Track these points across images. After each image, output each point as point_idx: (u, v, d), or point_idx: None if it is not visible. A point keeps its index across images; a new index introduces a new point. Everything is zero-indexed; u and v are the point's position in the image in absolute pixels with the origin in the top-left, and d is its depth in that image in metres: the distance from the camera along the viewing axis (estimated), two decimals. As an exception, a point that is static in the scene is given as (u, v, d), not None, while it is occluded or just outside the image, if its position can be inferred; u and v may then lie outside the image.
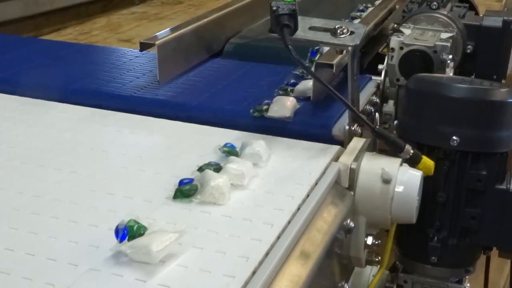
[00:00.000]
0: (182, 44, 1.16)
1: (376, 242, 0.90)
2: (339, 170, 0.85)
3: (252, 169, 0.82)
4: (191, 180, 0.78)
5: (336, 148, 0.90)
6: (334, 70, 0.99)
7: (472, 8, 1.55)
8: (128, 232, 0.65)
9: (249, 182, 0.80)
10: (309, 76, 1.06)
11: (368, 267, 1.00)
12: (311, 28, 0.90)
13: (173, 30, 1.16)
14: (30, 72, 1.17)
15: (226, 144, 0.87)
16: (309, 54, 1.13)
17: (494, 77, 1.33)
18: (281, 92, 1.04)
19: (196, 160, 0.85)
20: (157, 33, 1.14)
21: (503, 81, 1.35)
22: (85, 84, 1.11)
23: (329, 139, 0.93)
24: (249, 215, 0.74)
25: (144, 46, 1.11)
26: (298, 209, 0.75)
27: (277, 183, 0.81)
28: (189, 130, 0.97)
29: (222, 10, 1.32)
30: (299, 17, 0.88)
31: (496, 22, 1.31)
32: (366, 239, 0.89)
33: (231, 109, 1.01)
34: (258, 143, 0.86)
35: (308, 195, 0.78)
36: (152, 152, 0.90)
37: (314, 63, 1.01)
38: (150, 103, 1.04)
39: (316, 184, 0.81)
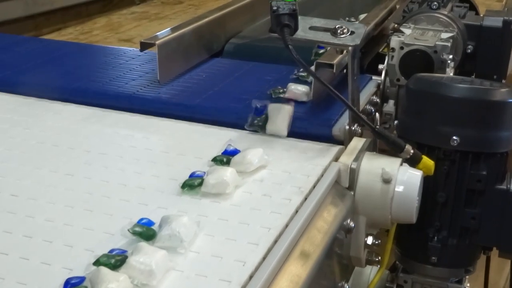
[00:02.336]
0: (182, 44, 1.16)
1: (376, 242, 0.90)
2: (339, 170, 0.85)
3: (166, 259, 0.63)
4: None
5: (336, 148, 0.90)
6: (334, 70, 0.99)
7: (473, 8, 1.55)
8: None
9: (162, 279, 0.62)
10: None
11: (368, 267, 1.00)
12: (311, 28, 0.90)
13: (173, 30, 1.16)
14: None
15: (140, 220, 0.69)
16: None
17: (495, 77, 1.33)
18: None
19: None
20: (157, 33, 1.14)
21: (503, 81, 1.34)
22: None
23: (329, 139, 0.93)
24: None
25: (144, 46, 1.11)
26: (298, 210, 0.75)
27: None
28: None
29: (222, 10, 1.33)
30: (299, 17, 0.88)
31: (496, 22, 1.31)
32: (366, 239, 0.89)
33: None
34: (180, 221, 0.67)
35: (308, 195, 0.78)
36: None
37: (314, 63, 1.01)
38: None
39: (316, 184, 0.81)
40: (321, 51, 1.13)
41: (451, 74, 1.10)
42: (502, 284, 1.81)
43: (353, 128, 0.93)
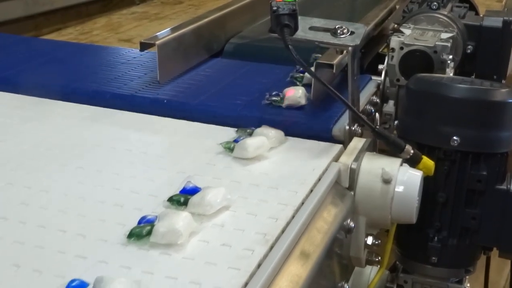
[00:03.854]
0: (182, 44, 1.16)
1: (376, 242, 0.90)
2: (339, 170, 0.85)
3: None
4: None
5: (336, 148, 0.90)
6: (334, 70, 0.99)
7: (472, 8, 1.55)
8: None
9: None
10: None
11: (368, 267, 1.00)
12: (311, 28, 0.90)
13: (173, 30, 1.16)
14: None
15: (71, 283, 0.61)
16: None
17: (495, 77, 1.33)
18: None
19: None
20: (158, 33, 1.14)
21: (503, 81, 1.34)
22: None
23: (329, 139, 0.93)
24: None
25: (144, 46, 1.11)
26: (298, 209, 0.75)
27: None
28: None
29: (222, 10, 1.33)
30: (299, 17, 0.88)
31: (496, 22, 1.31)
32: (366, 239, 0.89)
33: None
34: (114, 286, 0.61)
35: (308, 195, 0.78)
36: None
37: (314, 63, 1.01)
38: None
39: (316, 184, 0.81)
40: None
41: (451, 74, 1.10)
42: (502, 284, 1.81)
43: (353, 128, 0.93)
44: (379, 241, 0.91)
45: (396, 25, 1.25)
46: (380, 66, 1.15)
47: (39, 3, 3.75)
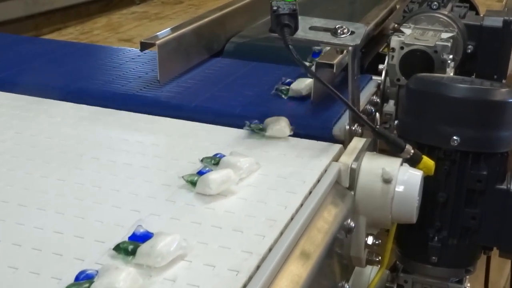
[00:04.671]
0: (182, 44, 1.16)
1: (377, 242, 0.90)
2: (339, 170, 0.85)
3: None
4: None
5: (336, 148, 0.90)
6: (334, 70, 0.99)
7: (473, 8, 1.55)
8: None
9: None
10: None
11: (368, 267, 1.00)
12: (311, 28, 0.90)
13: (173, 29, 1.16)
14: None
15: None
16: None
17: (495, 77, 1.33)
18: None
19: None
20: (158, 33, 1.14)
21: (503, 81, 1.34)
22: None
23: (330, 139, 0.93)
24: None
25: (144, 46, 1.11)
26: (298, 209, 0.75)
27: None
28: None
29: (222, 10, 1.33)
30: (299, 17, 0.88)
31: (496, 22, 1.31)
32: (366, 239, 0.89)
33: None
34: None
35: (308, 195, 0.78)
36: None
37: (314, 63, 1.01)
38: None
39: (316, 183, 0.81)
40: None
41: (451, 74, 1.10)
42: (503, 284, 1.81)
43: (353, 128, 0.93)
44: (380, 241, 0.91)
45: (396, 25, 1.25)
46: (381, 66, 1.15)
47: (39, 3, 3.75)
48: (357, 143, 0.91)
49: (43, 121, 0.99)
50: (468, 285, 1.11)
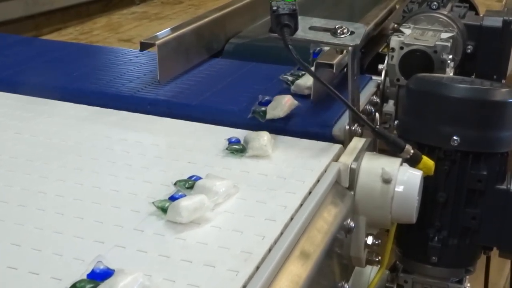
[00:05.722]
0: (182, 44, 1.16)
1: (376, 242, 0.90)
2: (339, 170, 0.85)
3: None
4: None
5: (336, 148, 0.90)
6: (334, 70, 0.99)
7: (472, 8, 1.55)
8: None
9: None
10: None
11: (368, 267, 1.00)
12: (311, 28, 0.90)
13: (173, 30, 1.16)
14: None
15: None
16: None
17: (494, 77, 1.33)
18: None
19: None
20: (157, 33, 1.14)
21: (503, 81, 1.34)
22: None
23: (329, 139, 0.93)
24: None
25: (144, 46, 1.11)
26: (298, 209, 0.75)
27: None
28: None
29: (222, 10, 1.33)
30: (299, 17, 0.88)
31: (496, 22, 1.31)
32: (366, 239, 0.89)
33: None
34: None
35: (308, 195, 0.78)
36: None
37: (314, 63, 1.01)
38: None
39: (316, 183, 0.81)
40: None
41: (451, 74, 1.10)
42: (502, 284, 1.81)
43: (353, 128, 0.93)
44: (379, 241, 0.91)
45: (396, 25, 1.25)
46: (380, 66, 1.15)
47: (39, 3, 3.75)
48: (357, 143, 0.91)
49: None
50: (468, 285, 1.11)
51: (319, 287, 0.74)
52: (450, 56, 1.09)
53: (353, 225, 0.83)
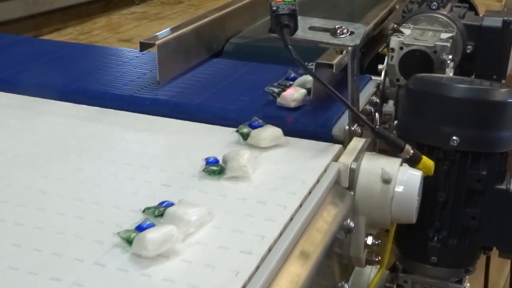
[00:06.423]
0: (182, 44, 1.16)
1: (376, 242, 0.90)
2: (339, 170, 0.85)
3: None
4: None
5: (336, 148, 0.90)
6: (334, 70, 0.99)
7: (472, 8, 1.55)
8: None
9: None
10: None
11: (368, 267, 1.00)
12: (311, 28, 0.90)
13: (173, 30, 1.16)
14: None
15: None
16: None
17: (494, 77, 1.33)
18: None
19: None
20: (157, 33, 1.14)
21: (503, 81, 1.34)
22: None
23: (329, 139, 0.93)
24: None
25: (144, 46, 1.11)
26: (298, 209, 0.75)
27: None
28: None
29: (222, 10, 1.33)
30: (299, 17, 0.88)
31: (496, 22, 1.31)
32: (366, 239, 0.89)
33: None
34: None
35: (308, 195, 0.78)
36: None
37: (314, 63, 1.01)
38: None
39: (316, 184, 0.81)
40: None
41: (451, 74, 1.10)
42: (502, 284, 1.81)
43: (353, 128, 0.93)
44: (379, 241, 0.91)
45: (396, 25, 1.25)
46: (380, 66, 1.15)
47: (39, 3, 3.75)
48: (357, 143, 0.91)
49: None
50: (468, 285, 1.11)
51: (319, 287, 0.74)
52: (450, 56, 1.09)
53: (353, 225, 0.83)
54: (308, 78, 1.04)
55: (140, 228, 0.66)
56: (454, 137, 0.96)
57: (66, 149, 0.90)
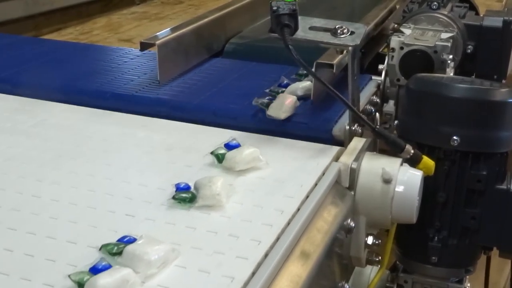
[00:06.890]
0: (182, 44, 1.16)
1: (377, 242, 0.90)
2: (339, 170, 0.85)
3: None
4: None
5: (336, 148, 0.90)
6: (334, 70, 0.99)
7: (473, 8, 1.55)
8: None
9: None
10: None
11: (368, 267, 1.00)
12: (311, 28, 0.90)
13: (173, 30, 1.16)
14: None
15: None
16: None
17: (495, 77, 1.33)
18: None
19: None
20: (158, 33, 1.14)
21: (503, 81, 1.34)
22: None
23: (330, 139, 0.93)
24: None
25: (144, 46, 1.11)
26: (299, 209, 0.75)
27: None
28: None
29: (222, 10, 1.33)
30: (299, 17, 0.88)
31: (496, 22, 1.31)
32: (366, 239, 0.89)
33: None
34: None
35: (308, 195, 0.78)
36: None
37: (314, 63, 1.01)
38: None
39: (316, 184, 0.81)
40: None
41: (451, 74, 1.10)
42: (503, 284, 1.81)
43: (353, 128, 0.93)
44: (379, 241, 0.91)
45: (396, 25, 1.25)
46: (380, 66, 1.15)
47: (39, 3, 3.75)
48: (357, 143, 0.91)
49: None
50: (468, 285, 1.11)
51: (319, 287, 0.74)
52: (450, 56, 1.09)
53: (353, 225, 0.83)
54: (300, 85, 1.04)
55: (94, 270, 0.61)
56: (454, 137, 0.96)
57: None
